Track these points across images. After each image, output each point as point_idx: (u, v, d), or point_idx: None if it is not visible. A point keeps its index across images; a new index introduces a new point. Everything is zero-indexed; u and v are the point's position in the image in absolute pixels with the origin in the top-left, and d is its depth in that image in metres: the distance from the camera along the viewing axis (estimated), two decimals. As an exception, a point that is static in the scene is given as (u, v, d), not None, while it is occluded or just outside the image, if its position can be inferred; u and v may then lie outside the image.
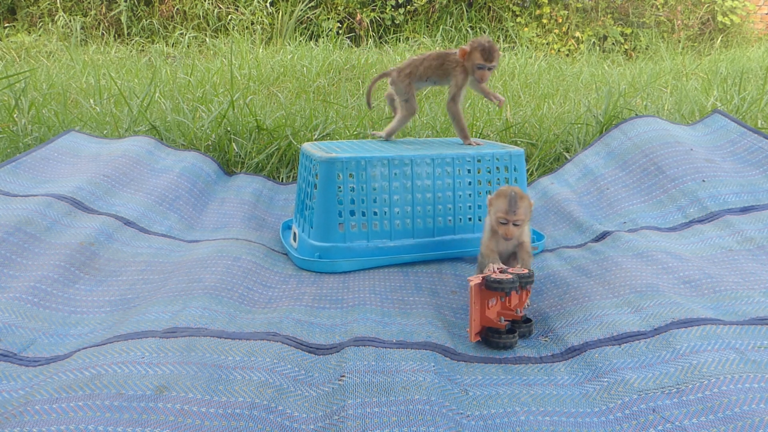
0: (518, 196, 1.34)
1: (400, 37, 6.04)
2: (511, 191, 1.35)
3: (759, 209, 1.78)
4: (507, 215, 1.33)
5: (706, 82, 3.99)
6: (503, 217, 1.34)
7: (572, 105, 3.44)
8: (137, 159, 2.14)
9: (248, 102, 3.03)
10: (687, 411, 0.94)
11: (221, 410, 0.94)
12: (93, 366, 1.02)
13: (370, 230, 1.67)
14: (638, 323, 1.21)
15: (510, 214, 1.33)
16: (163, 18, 6.01)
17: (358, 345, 1.16)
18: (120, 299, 1.39)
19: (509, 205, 1.33)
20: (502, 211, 1.34)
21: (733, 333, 1.12)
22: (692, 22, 6.70)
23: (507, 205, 1.33)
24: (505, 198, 1.34)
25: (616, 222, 1.94)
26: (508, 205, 1.33)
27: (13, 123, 2.53)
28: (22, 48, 4.84)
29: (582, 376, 1.10)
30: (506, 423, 0.96)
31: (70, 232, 1.61)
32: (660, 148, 2.17)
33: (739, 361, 1.02)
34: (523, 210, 1.34)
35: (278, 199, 2.25)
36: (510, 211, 1.33)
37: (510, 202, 1.33)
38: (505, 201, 1.34)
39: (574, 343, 1.20)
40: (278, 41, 5.59)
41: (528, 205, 1.37)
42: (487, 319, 1.24)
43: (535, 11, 6.51)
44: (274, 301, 1.42)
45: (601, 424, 0.96)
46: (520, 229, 1.35)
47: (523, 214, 1.34)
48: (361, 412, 0.95)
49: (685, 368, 1.03)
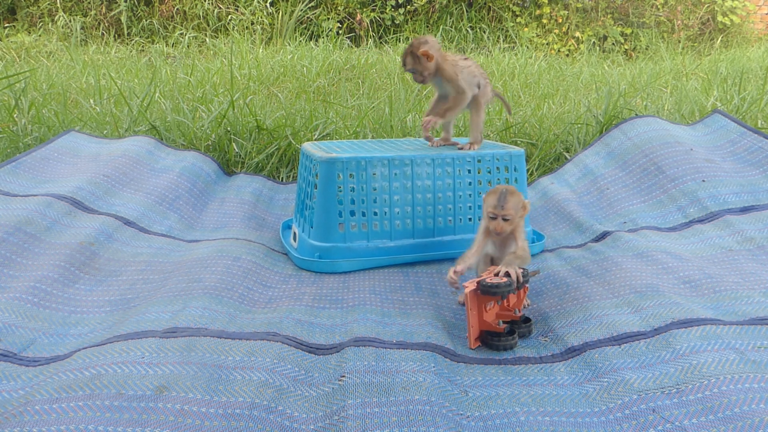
0: (508, 192, 1.37)
1: (400, 37, 6.04)
2: (503, 188, 1.38)
3: (759, 209, 1.78)
4: (495, 210, 1.35)
5: (706, 82, 3.99)
6: (492, 211, 1.36)
7: (572, 105, 3.44)
8: (137, 159, 2.14)
9: (248, 102, 3.03)
10: (687, 411, 0.93)
11: (221, 410, 0.94)
12: (93, 366, 1.02)
13: (370, 230, 1.67)
14: (638, 323, 1.21)
15: (498, 209, 1.35)
16: (163, 18, 6.01)
17: (358, 345, 1.16)
18: (120, 299, 1.39)
19: (498, 200, 1.35)
20: (491, 206, 1.36)
21: (733, 333, 1.12)
22: (692, 22, 6.70)
23: (496, 200, 1.35)
24: (495, 194, 1.37)
25: (616, 222, 1.94)
26: (497, 200, 1.35)
27: (13, 123, 2.53)
28: (22, 48, 4.84)
29: (582, 377, 1.10)
30: (506, 423, 0.96)
31: (70, 232, 1.61)
32: (660, 148, 2.17)
33: (739, 361, 1.02)
34: (512, 205, 1.36)
35: (278, 199, 2.25)
36: (498, 206, 1.35)
37: (499, 197, 1.35)
38: (495, 196, 1.36)
39: (574, 344, 1.20)
40: (278, 41, 5.59)
41: (519, 202, 1.38)
42: (486, 323, 1.24)
43: (535, 11, 6.51)
44: (274, 301, 1.42)
45: (600, 424, 0.96)
46: (510, 225, 1.36)
47: (512, 210, 1.36)
48: (361, 413, 0.95)
49: (685, 368, 1.03)
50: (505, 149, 1.82)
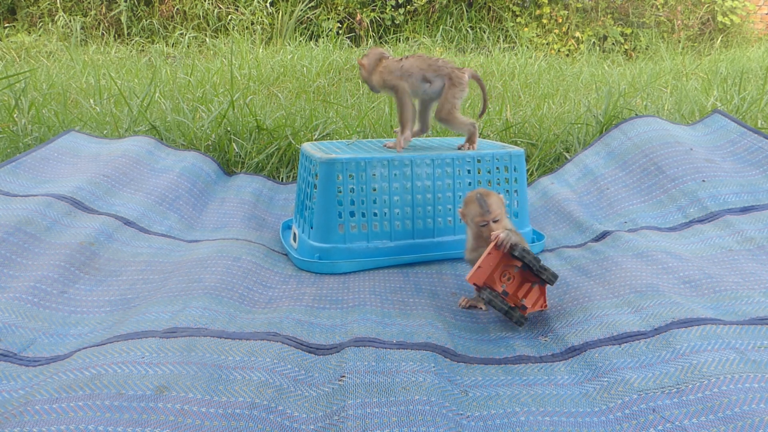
0: (485, 195, 1.38)
1: (400, 37, 6.04)
2: (476, 194, 1.39)
3: (759, 209, 1.78)
4: (483, 217, 1.37)
5: (706, 82, 3.99)
6: (481, 220, 1.37)
7: (572, 105, 3.44)
8: (137, 159, 2.14)
9: (248, 102, 3.03)
10: (687, 411, 0.93)
11: (221, 410, 0.94)
12: (93, 366, 1.02)
13: (370, 231, 1.67)
14: (638, 323, 1.21)
15: (486, 215, 1.36)
16: (163, 18, 6.01)
17: (358, 345, 1.16)
18: (120, 299, 1.39)
19: (481, 207, 1.37)
20: (477, 215, 1.37)
21: (733, 333, 1.12)
22: (692, 22, 6.70)
23: (479, 207, 1.37)
24: (475, 202, 1.38)
25: (616, 222, 1.94)
26: (480, 207, 1.37)
27: (13, 123, 2.53)
28: (22, 48, 4.84)
29: (582, 376, 1.10)
30: (506, 423, 0.96)
31: (70, 232, 1.61)
32: (660, 148, 2.17)
33: (739, 361, 1.02)
34: (495, 205, 1.37)
35: (278, 199, 2.25)
36: (484, 212, 1.36)
37: (481, 205, 1.37)
38: (476, 205, 1.37)
39: (574, 343, 1.20)
40: (278, 41, 5.59)
41: (498, 200, 1.40)
42: (492, 278, 1.27)
43: (535, 11, 6.51)
44: (274, 302, 1.42)
45: (601, 424, 0.96)
46: (500, 224, 1.37)
47: (498, 209, 1.37)
48: (361, 413, 0.95)
49: (685, 368, 1.03)
50: (504, 149, 1.82)
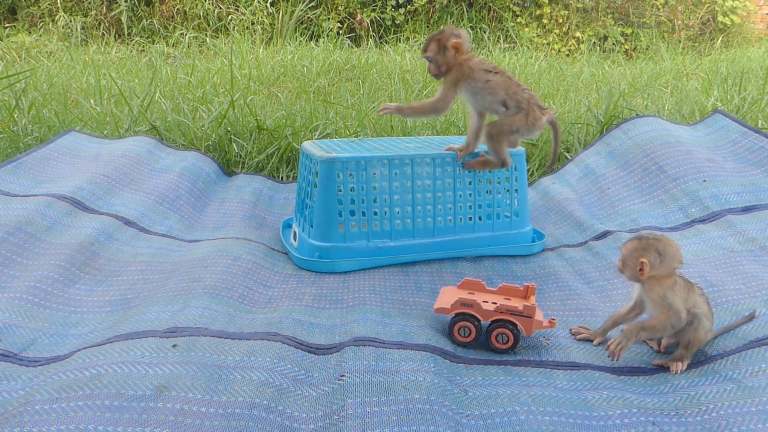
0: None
1: (400, 37, 6.03)
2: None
3: (760, 209, 1.78)
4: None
5: (706, 82, 3.98)
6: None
7: (573, 105, 3.44)
8: (137, 159, 2.14)
9: (248, 102, 3.02)
10: (686, 429, 0.95)
11: (221, 410, 0.94)
12: (93, 366, 1.02)
13: (370, 230, 1.67)
14: (638, 358, 1.21)
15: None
16: (163, 18, 6.01)
17: (358, 345, 1.16)
18: (120, 299, 1.39)
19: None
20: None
21: (730, 365, 1.13)
22: (692, 22, 6.70)
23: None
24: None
25: (617, 221, 1.94)
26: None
27: (13, 123, 2.53)
28: (22, 48, 4.84)
29: (581, 386, 1.10)
30: (506, 422, 0.96)
31: (70, 232, 1.61)
32: (661, 147, 2.16)
33: (737, 390, 1.04)
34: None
35: (278, 198, 2.25)
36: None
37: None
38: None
39: (577, 360, 1.20)
40: (278, 41, 5.59)
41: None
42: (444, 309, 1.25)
43: (536, 11, 6.51)
44: (274, 301, 1.42)
45: (600, 428, 0.96)
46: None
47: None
48: (361, 412, 0.95)
49: (684, 398, 1.05)
50: (505, 149, 1.81)
